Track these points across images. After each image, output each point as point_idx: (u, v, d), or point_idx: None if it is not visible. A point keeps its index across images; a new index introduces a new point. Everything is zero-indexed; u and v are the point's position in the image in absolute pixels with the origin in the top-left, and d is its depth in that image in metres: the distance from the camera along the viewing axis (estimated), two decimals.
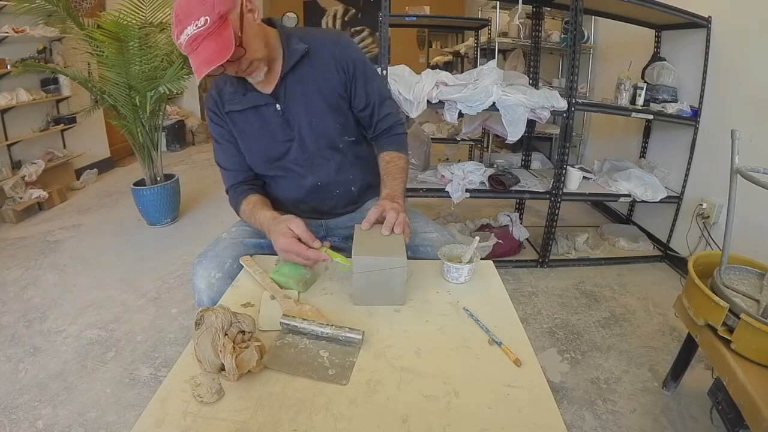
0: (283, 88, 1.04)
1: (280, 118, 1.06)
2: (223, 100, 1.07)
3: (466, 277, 0.91)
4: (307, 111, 1.06)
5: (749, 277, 1.26)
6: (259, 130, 1.08)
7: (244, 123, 1.08)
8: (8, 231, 2.88)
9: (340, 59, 1.06)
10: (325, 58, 1.06)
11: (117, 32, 2.35)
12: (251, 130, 1.08)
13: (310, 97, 1.06)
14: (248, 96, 1.05)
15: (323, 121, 1.08)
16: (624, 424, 1.36)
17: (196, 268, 0.98)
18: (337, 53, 1.06)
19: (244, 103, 1.05)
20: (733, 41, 2.10)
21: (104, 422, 1.35)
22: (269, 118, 1.06)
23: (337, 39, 1.09)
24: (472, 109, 2.01)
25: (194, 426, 0.57)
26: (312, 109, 1.06)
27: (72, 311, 1.95)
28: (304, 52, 1.03)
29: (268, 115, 1.06)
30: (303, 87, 1.05)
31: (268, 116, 1.06)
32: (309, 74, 1.05)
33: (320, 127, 1.08)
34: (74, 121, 3.62)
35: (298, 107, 1.06)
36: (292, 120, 1.06)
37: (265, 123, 1.07)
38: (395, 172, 1.08)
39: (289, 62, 1.02)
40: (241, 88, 1.05)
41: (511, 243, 2.42)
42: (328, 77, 1.06)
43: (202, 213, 3.24)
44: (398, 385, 0.64)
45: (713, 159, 2.21)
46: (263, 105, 1.05)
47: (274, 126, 1.07)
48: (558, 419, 0.59)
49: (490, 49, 3.66)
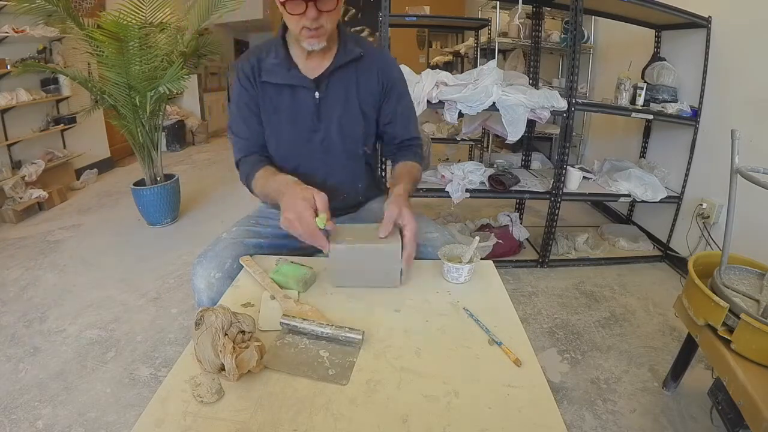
0: (327, 79, 1.06)
1: (314, 107, 1.07)
2: (262, 68, 1.06)
3: (466, 277, 0.91)
4: (341, 110, 1.08)
5: (749, 277, 1.26)
6: (289, 111, 1.07)
7: (276, 98, 1.07)
8: (8, 231, 2.88)
9: (383, 73, 1.11)
10: (371, 68, 1.10)
11: (117, 32, 2.35)
12: (282, 107, 1.07)
13: (348, 97, 1.08)
14: (292, 73, 1.04)
15: (353, 124, 1.10)
16: (624, 424, 1.36)
17: (195, 268, 0.98)
18: (383, 68, 1.11)
19: (285, 79, 1.05)
20: (733, 41, 2.10)
21: (104, 422, 1.35)
22: (303, 102, 1.07)
23: (383, 53, 1.16)
24: (472, 109, 2.01)
25: (194, 426, 0.57)
26: (346, 110, 1.09)
27: (72, 311, 1.95)
28: (358, 56, 1.07)
29: (303, 99, 1.06)
30: (345, 86, 1.08)
31: (302, 100, 1.06)
32: (354, 77, 1.08)
33: (348, 129, 1.10)
34: (74, 121, 3.62)
35: (335, 103, 1.08)
36: (324, 112, 1.08)
37: (298, 106, 1.07)
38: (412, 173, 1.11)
39: (343, 58, 1.05)
40: (285, 63, 1.04)
41: (511, 243, 2.42)
42: (369, 86, 1.10)
43: (202, 213, 3.24)
44: (398, 385, 0.64)
45: (713, 159, 2.21)
46: (302, 87, 1.05)
47: (305, 112, 1.07)
48: (558, 419, 0.59)
49: (490, 49, 3.66)
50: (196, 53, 3.12)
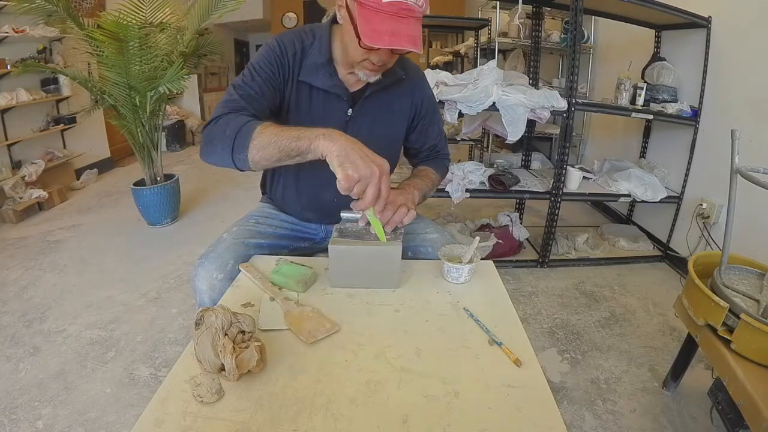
0: (363, 97, 1.02)
1: (344, 123, 1.02)
2: (302, 64, 0.98)
3: (467, 277, 0.91)
4: (369, 133, 1.03)
5: (749, 277, 1.26)
6: (317, 117, 1.01)
7: (308, 99, 1.01)
8: (8, 231, 2.88)
9: (418, 95, 1.08)
10: (408, 90, 1.07)
11: (117, 32, 2.35)
12: (310, 110, 1.02)
13: (379, 121, 1.05)
14: (333, 79, 0.99)
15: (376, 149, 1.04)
16: (624, 424, 1.36)
17: (197, 269, 0.98)
18: (418, 88, 1.08)
19: (326, 85, 0.99)
20: (733, 41, 2.10)
21: (104, 422, 1.34)
22: (334, 114, 1.02)
23: (421, 74, 1.12)
24: (472, 109, 2.01)
25: (194, 426, 0.57)
26: (374, 133, 1.04)
27: (72, 311, 1.95)
28: (400, 78, 1.03)
29: (335, 110, 1.02)
30: (379, 108, 1.04)
31: (334, 112, 1.02)
32: (389, 99, 1.05)
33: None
34: (74, 121, 3.62)
35: (365, 124, 1.04)
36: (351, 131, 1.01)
37: (328, 116, 1.02)
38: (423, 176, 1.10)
39: (385, 81, 1.00)
40: (329, 67, 0.98)
41: (511, 243, 2.42)
42: (402, 112, 1.08)
43: (202, 213, 3.24)
44: (398, 385, 0.64)
45: (713, 159, 2.21)
46: (337, 97, 1.01)
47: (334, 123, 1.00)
48: (558, 419, 0.59)
49: (490, 49, 3.66)
50: (196, 53, 3.12)
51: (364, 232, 0.90)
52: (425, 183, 1.10)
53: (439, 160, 1.22)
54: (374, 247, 0.86)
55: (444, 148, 1.23)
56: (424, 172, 1.15)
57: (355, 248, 0.86)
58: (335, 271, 0.89)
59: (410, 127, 1.14)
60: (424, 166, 1.18)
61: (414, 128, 1.15)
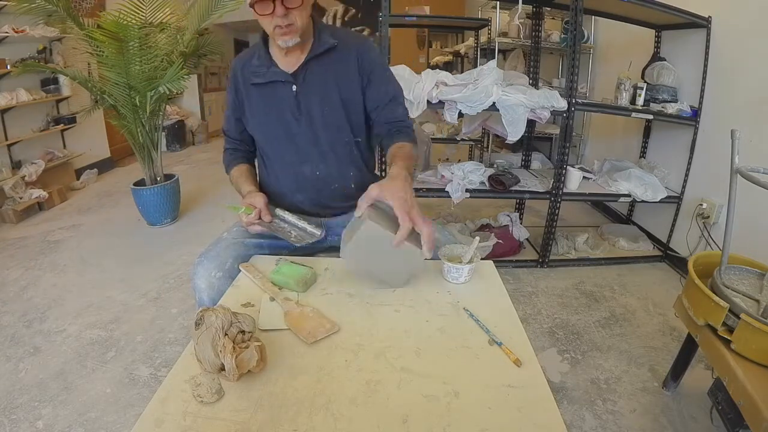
0: (304, 72, 1.08)
1: (294, 99, 1.09)
2: (246, 72, 1.13)
3: (467, 277, 0.91)
4: (321, 100, 1.10)
5: (749, 277, 1.26)
6: (272, 107, 1.11)
7: (261, 97, 1.12)
8: (8, 231, 2.88)
9: (361, 60, 1.11)
10: (348, 57, 1.10)
11: (117, 32, 2.35)
12: (265, 103, 1.12)
13: (327, 87, 1.10)
14: (271, 71, 1.09)
15: (334, 113, 1.11)
16: (624, 424, 1.36)
17: (197, 268, 0.98)
18: (361, 54, 1.11)
19: (267, 77, 1.09)
20: (733, 41, 2.10)
21: (104, 422, 1.35)
22: (283, 96, 1.10)
23: (362, 41, 1.15)
24: (472, 109, 2.01)
25: (194, 426, 0.57)
26: (326, 100, 1.10)
27: (72, 311, 1.95)
28: (332, 46, 1.08)
29: (283, 93, 1.10)
30: (323, 77, 1.09)
31: (282, 94, 1.10)
32: (331, 67, 1.10)
33: (331, 118, 1.11)
34: (74, 121, 3.62)
35: (313, 94, 1.09)
36: (303, 104, 1.10)
37: (279, 101, 1.11)
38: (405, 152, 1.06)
39: (317, 50, 1.07)
40: (266, 62, 1.09)
41: (511, 243, 2.42)
42: (348, 74, 1.11)
43: (202, 213, 3.24)
44: (398, 385, 0.64)
45: (713, 159, 2.21)
46: (281, 82, 1.09)
47: (286, 106, 1.11)
48: (558, 419, 0.58)
49: (490, 49, 3.66)
50: (196, 53, 3.12)
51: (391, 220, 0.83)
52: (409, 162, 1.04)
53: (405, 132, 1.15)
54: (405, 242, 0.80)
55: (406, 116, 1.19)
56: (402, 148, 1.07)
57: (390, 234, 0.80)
58: (355, 248, 0.82)
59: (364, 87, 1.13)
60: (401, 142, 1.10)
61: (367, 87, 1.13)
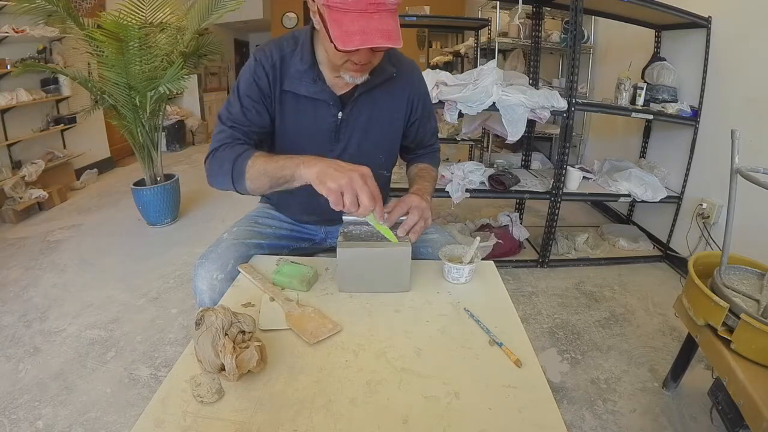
0: (354, 99, 0.98)
1: (335, 127, 1.00)
2: (284, 74, 0.96)
3: (467, 277, 0.91)
4: (362, 134, 1.02)
5: (749, 277, 1.26)
6: (306, 124, 1.00)
7: (295, 107, 0.99)
8: (8, 231, 2.88)
9: (413, 92, 1.04)
10: (402, 91, 1.03)
11: (117, 32, 2.35)
12: (298, 118, 1.00)
13: (373, 121, 1.02)
14: (318, 86, 0.96)
15: (374, 150, 1.04)
16: (624, 424, 1.36)
17: (197, 269, 0.98)
18: (413, 85, 1.04)
19: (310, 91, 0.96)
20: (733, 41, 2.10)
21: (104, 422, 1.34)
22: (323, 119, 1.00)
23: (417, 72, 1.07)
24: (472, 109, 2.01)
25: (194, 426, 0.57)
26: (369, 134, 1.02)
27: (72, 311, 1.95)
28: (390, 76, 0.99)
29: (324, 115, 0.99)
30: (372, 108, 1.01)
31: (323, 117, 0.99)
32: (382, 98, 1.01)
33: (367, 153, 1.04)
34: (74, 121, 3.62)
35: (357, 126, 1.01)
36: (343, 134, 1.01)
37: (317, 122, 1.00)
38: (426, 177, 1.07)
39: (374, 80, 0.96)
40: (312, 73, 0.95)
41: (511, 243, 2.42)
42: (397, 111, 1.04)
43: (202, 213, 3.24)
44: (398, 386, 0.64)
45: (713, 159, 2.21)
46: (327, 103, 0.98)
47: (324, 129, 1.00)
48: (558, 420, 0.58)
49: (490, 49, 3.66)
50: (196, 53, 3.12)
51: (369, 234, 0.87)
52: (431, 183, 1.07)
53: (433, 155, 1.19)
54: (384, 248, 0.83)
55: (436, 141, 1.21)
56: (426, 171, 1.11)
57: (366, 250, 0.83)
58: (344, 275, 0.86)
59: (407, 124, 1.10)
60: (423, 164, 1.14)
61: (410, 125, 1.11)
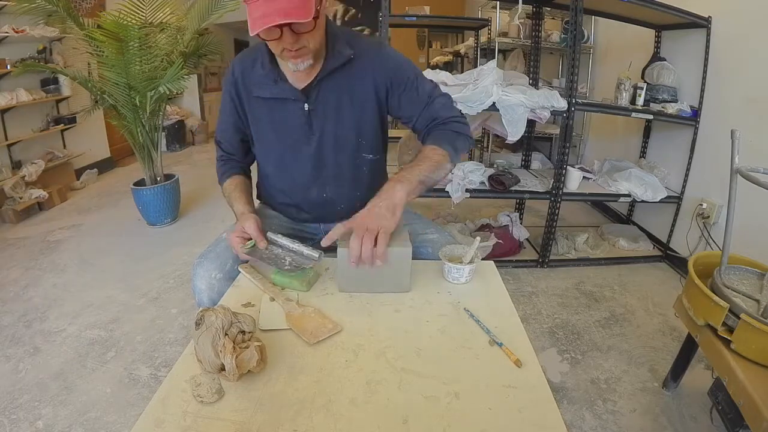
0: (317, 89, 0.98)
1: (305, 119, 1.01)
2: (247, 82, 1.01)
3: (467, 277, 0.91)
4: (334, 120, 1.01)
5: (749, 277, 1.26)
6: (279, 124, 1.02)
7: (266, 111, 1.02)
8: (8, 231, 2.88)
9: (377, 69, 1.01)
10: (365, 68, 1.00)
11: (117, 32, 2.35)
12: (271, 121, 1.03)
13: (342, 106, 1.01)
14: (279, 86, 0.98)
15: (350, 134, 1.03)
16: (624, 424, 1.36)
17: (196, 269, 0.98)
18: (377, 64, 1.01)
19: (273, 92, 0.99)
20: (733, 41, 2.10)
21: (104, 422, 1.35)
22: (293, 114, 1.01)
23: (379, 49, 1.03)
24: (472, 109, 2.01)
25: (194, 426, 0.57)
26: (340, 120, 1.01)
27: (72, 311, 1.95)
28: (348, 58, 0.97)
29: (292, 111, 1.00)
30: (338, 94, 1.00)
31: (292, 113, 1.01)
32: (346, 82, 0.99)
33: (344, 139, 1.03)
34: (74, 121, 3.62)
35: (327, 113, 1.01)
36: (316, 125, 1.01)
37: (287, 120, 1.01)
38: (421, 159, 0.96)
39: (332, 64, 0.96)
40: (272, 75, 0.98)
41: (511, 243, 2.42)
42: (364, 89, 1.01)
43: (202, 213, 3.24)
44: (398, 386, 0.64)
45: (713, 159, 2.21)
46: (291, 99, 0.99)
47: (295, 125, 1.01)
48: (558, 420, 0.58)
49: (490, 49, 3.66)
50: (196, 53, 3.12)
51: None
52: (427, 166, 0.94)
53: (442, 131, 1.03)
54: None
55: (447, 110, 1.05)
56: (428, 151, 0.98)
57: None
58: (344, 275, 0.86)
59: (386, 103, 1.04)
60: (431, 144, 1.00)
61: (393, 102, 1.04)
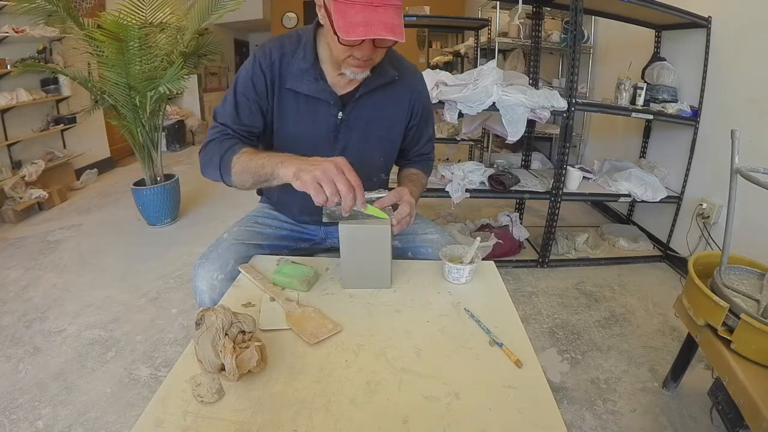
0: (355, 99, 0.98)
1: (333, 126, 1.00)
2: (285, 72, 0.96)
3: (467, 277, 0.91)
4: (361, 135, 1.02)
5: (749, 277, 1.26)
6: (303, 125, 1.00)
7: (294, 106, 0.99)
8: (8, 231, 2.88)
9: (414, 96, 1.04)
10: (403, 95, 1.03)
11: (117, 32, 2.35)
12: (296, 117, 1.00)
13: (373, 123, 1.02)
14: (320, 85, 0.96)
15: (373, 152, 1.05)
16: (624, 424, 1.36)
17: (197, 270, 0.98)
18: (415, 89, 1.04)
19: (311, 90, 0.96)
20: (733, 41, 2.10)
21: (104, 422, 1.34)
22: (322, 118, 0.99)
23: (418, 76, 1.07)
24: (472, 109, 2.01)
25: (194, 426, 0.57)
26: (368, 136, 1.02)
27: (72, 311, 1.95)
28: (393, 79, 0.99)
29: (322, 115, 0.99)
30: (373, 110, 1.01)
31: (321, 116, 0.99)
32: (383, 101, 1.01)
33: (367, 156, 1.04)
34: (74, 121, 3.62)
35: (357, 127, 1.01)
36: (342, 135, 1.01)
37: (316, 122, 1.00)
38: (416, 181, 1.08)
39: (378, 81, 0.97)
40: (313, 71, 0.95)
41: (511, 243, 2.42)
42: (399, 110, 1.04)
43: (202, 213, 3.24)
44: (399, 386, 0.64)
45: (713, 159, 2.21)
46: (327, 102, 0.97)
47: (323, 129, 1.00)
48: (558, 420, 0.58)
49: (490, 49, 3.66)
50: (196, 53, 3.12)
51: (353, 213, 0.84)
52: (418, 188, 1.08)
53: (426, 163, 1.19)
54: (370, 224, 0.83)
55: (432, 150, 1.21)
56: (416, 176, 1.12)
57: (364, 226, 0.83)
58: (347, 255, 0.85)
59: (408, 125, 1.11)
60: (414, 169, 1.14)
61: (409, 129, 1.11)
